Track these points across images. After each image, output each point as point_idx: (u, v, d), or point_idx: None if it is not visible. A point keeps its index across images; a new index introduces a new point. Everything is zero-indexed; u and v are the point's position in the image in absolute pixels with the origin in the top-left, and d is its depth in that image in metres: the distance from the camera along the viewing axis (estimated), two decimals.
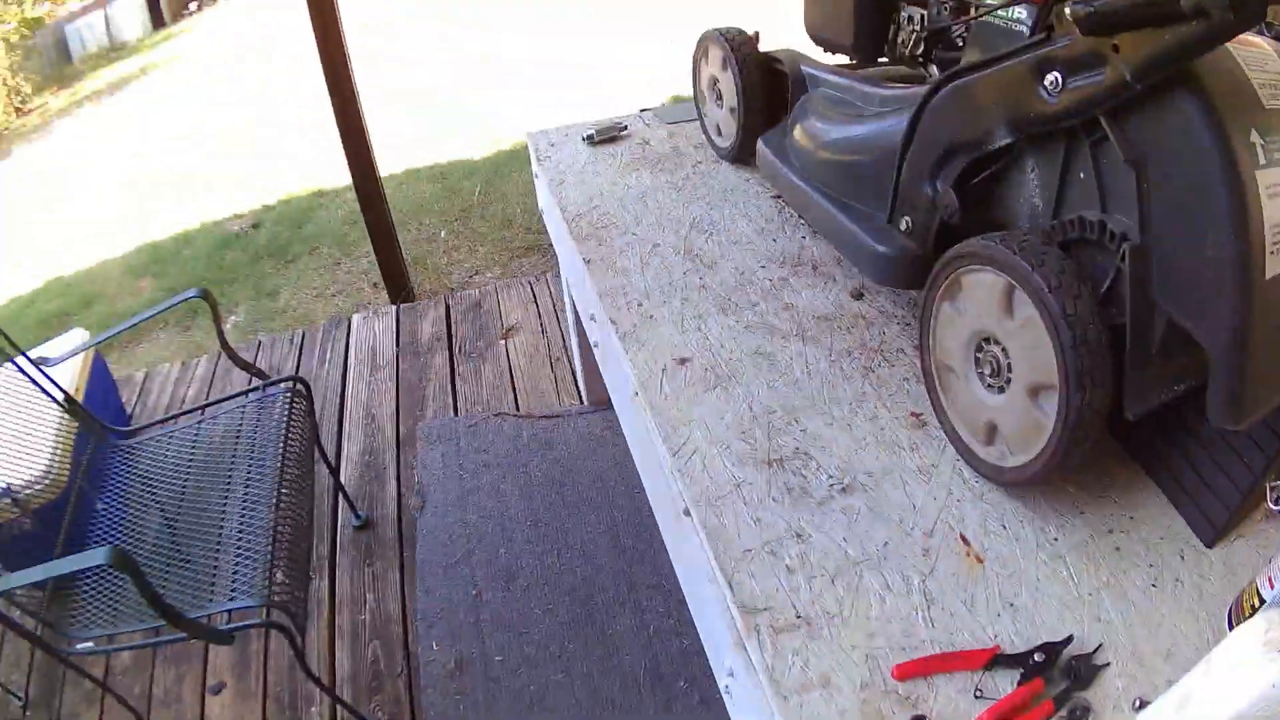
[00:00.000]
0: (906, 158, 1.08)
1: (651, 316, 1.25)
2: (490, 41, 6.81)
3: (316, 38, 2.53)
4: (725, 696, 0.98)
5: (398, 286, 3.05)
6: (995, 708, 0.76)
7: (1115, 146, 0.80)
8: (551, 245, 1.73)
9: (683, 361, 1.17)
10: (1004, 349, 0.90)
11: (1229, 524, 0.92)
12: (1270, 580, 0.78)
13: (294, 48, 6.05)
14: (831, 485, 1.00)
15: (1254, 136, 0.73)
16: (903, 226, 1.12)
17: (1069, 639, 0.84)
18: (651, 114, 1.86)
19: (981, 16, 1.03)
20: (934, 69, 1.28)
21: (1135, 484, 0.99)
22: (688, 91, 1.75)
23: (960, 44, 1.18)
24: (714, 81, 1.59)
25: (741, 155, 1.59)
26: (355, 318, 2.91)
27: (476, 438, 2.27)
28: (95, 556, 1.18)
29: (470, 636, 1.76)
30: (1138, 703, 0.79)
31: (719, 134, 1.65)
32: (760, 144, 1.46)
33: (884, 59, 1.41)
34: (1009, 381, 0.91)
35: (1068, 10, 0.75)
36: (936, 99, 1.01)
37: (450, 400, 2.47)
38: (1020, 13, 0.97)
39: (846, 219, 1.20)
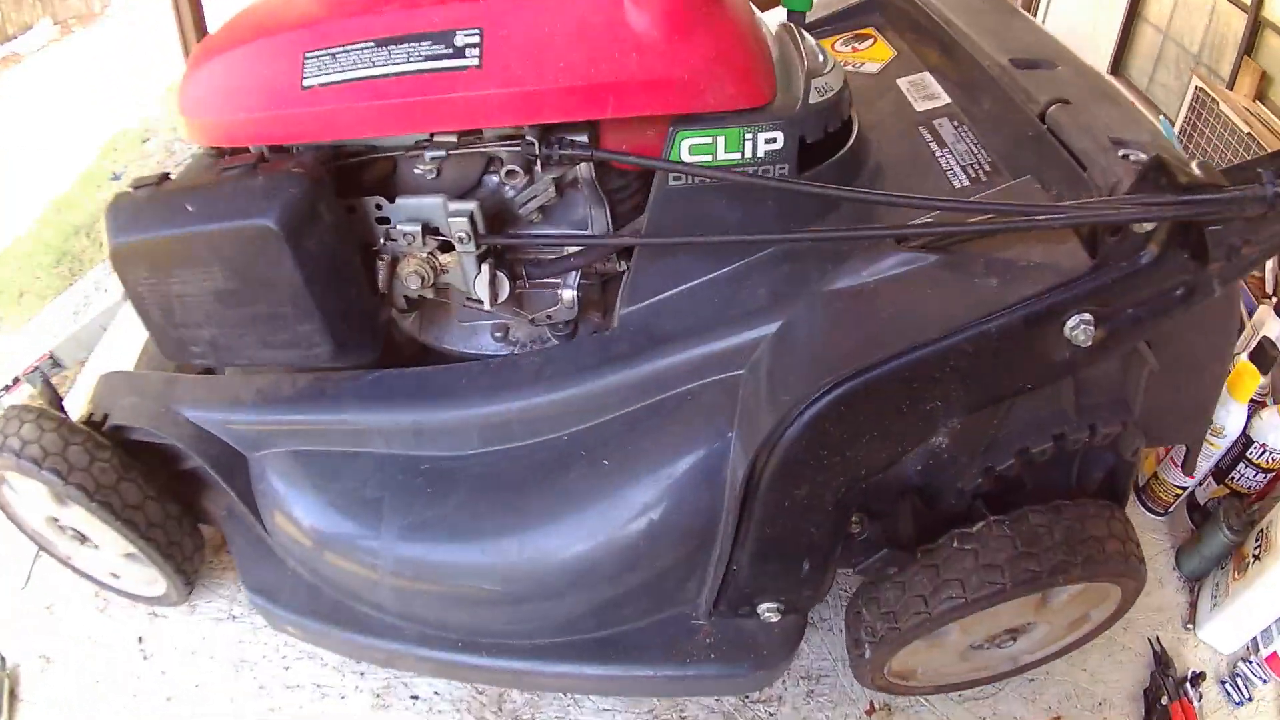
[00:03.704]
0: (747, 534, 0.70)
1: None
2: None
3: None
4: None
5: None
6: None
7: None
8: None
9: None
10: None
11: None
12: (1182, 473, 1.07)
13: None
14: None
15: None
16: (767, 615, 0.77)
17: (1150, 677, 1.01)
18: None
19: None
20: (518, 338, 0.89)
21: None
22: None
23: (520, 220, 0.83)
24: (56, 521, 0.91)
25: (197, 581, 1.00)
26: None
27: None
28: None
29: None
30: (1189, 625, 1.06)
31: (123, 579, 0.98)
32: (263, 606, 0.86)
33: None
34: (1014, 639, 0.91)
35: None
36: (799, 432, 0.63)
37: None
38: (772, 143, 0.71)
39: (596, 667, 0.77)
